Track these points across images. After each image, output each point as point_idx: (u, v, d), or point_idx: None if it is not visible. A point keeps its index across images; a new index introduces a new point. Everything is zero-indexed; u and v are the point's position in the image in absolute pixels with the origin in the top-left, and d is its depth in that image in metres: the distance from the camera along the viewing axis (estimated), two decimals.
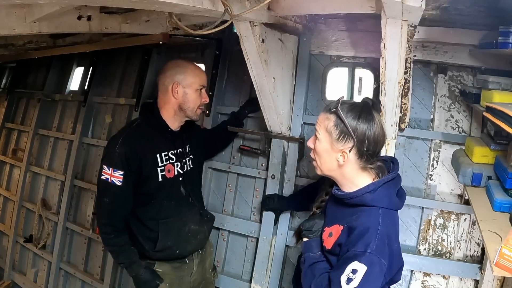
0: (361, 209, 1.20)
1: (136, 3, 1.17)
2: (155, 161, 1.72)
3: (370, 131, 1.20)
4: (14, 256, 3.43)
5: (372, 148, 1.21)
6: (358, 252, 1.12)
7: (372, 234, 1.13)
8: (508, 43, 1.34)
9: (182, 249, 1.82)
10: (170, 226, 1.77)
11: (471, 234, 1.84)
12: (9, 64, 3.96)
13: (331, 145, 1.23)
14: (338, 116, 1.20)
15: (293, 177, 2.13)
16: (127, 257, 1.73)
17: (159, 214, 1.76)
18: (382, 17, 1.32)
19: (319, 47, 2.11)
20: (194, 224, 1.86)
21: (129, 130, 1.74)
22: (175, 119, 1.77)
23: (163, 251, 1.77)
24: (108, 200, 1.68)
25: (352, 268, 1.10)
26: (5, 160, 3.73)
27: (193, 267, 1.90)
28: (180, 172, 1.81)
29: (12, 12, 1.33)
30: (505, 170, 1.41)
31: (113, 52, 2.76)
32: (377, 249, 1.11)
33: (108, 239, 1.72)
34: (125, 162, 1.64)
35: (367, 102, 1.25)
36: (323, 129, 1.24)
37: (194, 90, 1.73)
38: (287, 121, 2.11)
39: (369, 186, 1.21)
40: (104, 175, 1.64)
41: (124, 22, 1.74)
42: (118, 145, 1.65)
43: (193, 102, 1.74)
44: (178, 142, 1.82)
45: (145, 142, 1.70)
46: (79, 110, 3.13)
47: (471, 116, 1.86)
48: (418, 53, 1.87)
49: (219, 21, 1.29)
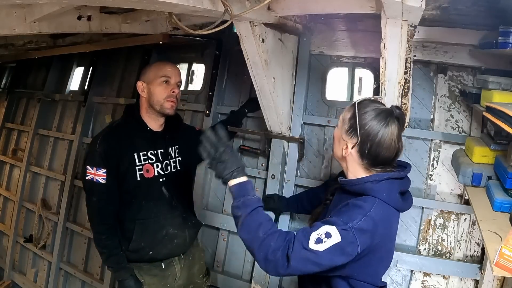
0: (359, 197, 1.20)
1: (136, 3, 1.17)
2: (132, 160, 1.73)
3: (377, 135, 1.19)
4: (14, 256, 3.43)
5: (373, 153, 1.20)
6: (340, 221, 1.10)
7: (361, 213, 1.12)
8: (508, 43, 1.34)
9: (156, 251, 1.79)
10: (146, 227, 1.76)
11: (471, 234, 1.84)
12: (9, 64, 3.96)
13: (340, 134, 1.27)
14: (354, 110, 1.23)
15: (293, 177, 2.13)
16: (116, 262, 1.74)
17: (138, 215, 1.76)
18: (382, 17, 1.32)
19: (319, 47, 2.11)
20: (173, 228, 1.83)
21: (109, 129, 1.78)
22: (152, 118, 1.79)
23: (136, 252, 1.76)
24: (96, 198, 1.70)
25: (327, 231, 1.08)
26: (5, 160, 3.73)
27: (175, 273, 1.87)
28: (161, 173, 1.80)
29: (12, 12, 1.33)
30: (505, 170, 1.41)
31: (113, 52, 2.76)
32: (359, 228, 1.10)
33: (100, 240, 1.73)
34: (105, 160, 1.67)
35: (392, 110, 1.25)
36: (342, 117, 1.29)
37: (158, 84, 1.75)
38: (287, 121, 2.11)
39: (372, 176, 1.22)
40: (88, 175, 1.67)
41: (124, 22, 1.75)
42: (97, 144, 1.69)
43: (158, 94, 1.74)
44: (159, 143, 1.82)
45: (123, 140, 1.72)
46: (79, 110, 3.13)
47: (471, 116, 1.86)
48: (418, 53, 1.87)
49: (219, 21, 1.29)
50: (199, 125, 2.44)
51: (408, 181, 1.30)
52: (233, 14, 1.26)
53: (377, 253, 1.19)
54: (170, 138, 1.86)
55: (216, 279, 2.27)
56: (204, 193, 2.40)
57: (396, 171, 1.26)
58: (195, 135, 2.06)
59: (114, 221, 1.74)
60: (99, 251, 1.77)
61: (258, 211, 1.19)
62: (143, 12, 1.68)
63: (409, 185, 1.31)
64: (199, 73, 2.63)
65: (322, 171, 2.14)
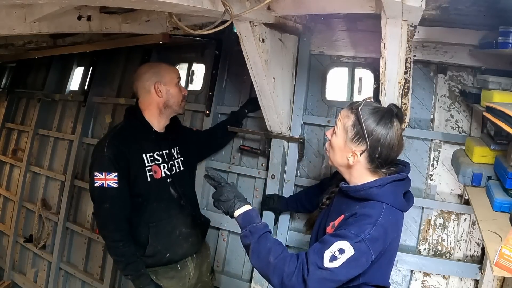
0: (365, 203, 1.19)
1: (136, 3, 1.17)
2: (142, 161, 1.72)
3: (386, 138, 1.19)
4: (14, 256, 3.43)
5: (384, 156, 1.20)
6: (351, 234, 1.09)
7: (371, 222, 1.11)
8: (508, 43, 1.34)
9: (173, 253, 1.79)
10: (160, 230, 1.76)
11: (471, 234, 1.84)
12: (9, 64, 3.96)
13: (345, 143, 1.23)
14: (357, 117, 1.20)
15: (293, 177, 2.13)
16: (135, 269, 1.68)
17: (150, 218, 1.74)
18: (382, 17, 1.32)
19: (319, 47, 2.11)
20: (185, 227, 1.84)
21: (114, 133, 1.75)
22: (161, 118, 1.80)
23: (153, 256, 1.74)
24: (108, 205, 1.64)
25: (339, 247, 1.07)
26: (5, 160, 3.73)
27: (190, 272, 1.88)
28: (167, 173, 1.81)
29: (12, 12, 1.33)
30: (505, 170, 1.41)
31: (113, 52, 2.76)
32: (371, 238, 1.09)
33: (116, 248, 1.66)
34: (115, 163, 1.63)
35: (391, 109, 1.24)
36: (341, 125, 1.24)
37: (174, 84, 1.79)
38: (287, 121, 2.10)
39: (376, 181, 1.20)
40: (97, 182, 1.61)
41: (124, 22, 1.75)
42: (105, 148, 1.65)
43: (177, 96, 1.79)
44: (163, 144, 1.82)
45: (131, 143, 1.71)
46: (79, 110, 3.13)
47: (471, 116, 1.86)
48: (418, 53, 1.87)
49: (219, 21, 1.29)
50: (199, 125, 2.44)
51: (409, 181, 1.30)
52: (233, 14, 1.26)
53: (387, 256, 1.19)
54: (172, 139, 1.87)
55: (216, 279, 2.27)
56: (204, 193, 2.40)
57: (399, 172, 1.25)
58: (192, 136, 2.08)
59: (128, 227, 1.69)
60: (116, 260, 1.71)
61: (266, 237, 1.20)
62: (143, 12, 1.68)
63: (410, 185, 1.31)
64: (199, 73, 2.63)
65: (322, 171, 2.14)
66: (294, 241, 2.12)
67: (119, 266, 1.74)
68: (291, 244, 2.12)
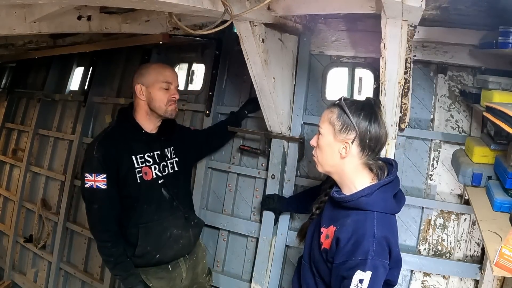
0: (356, 212, 1.20)
1: (136, 3, 1.17)
2: (131, 163, 1.72)
3: (372, 126, 1.22)
4: (14, 256, 3.43)
5: (374, 138, 1.22)
6: (359, 260, 1.12)
7: (369, 240, 1.14)
8: (508, 43, 1.34)
9: (162, 254, 1.79)
10: (150, 231, 1.76)
11: (471, 234, 1.84)
12: (9, 64, 3.96)
13: (334, 136, 1.24)
14: (341, 108, 1.23)
15: (293, 177, 2.13)
16: (124, 269, 1.71)
17: (140, 219, 1.74)
18: (382, 17, 1.32)
19: (319, 47, 2.10)
20: (177, 229, 1.83)
21: (104, 134, 1.76)
22: (150, 121, 1.78)
23: (142, 257, 1.75)
24: (97, 206, 1.67)
25: (358, 279, 1.11)
26: (5, 160, 3.73)
27: (182, 273, 1.87)
28: (159, 175, 1.80)
29: (12, 12, 1.34)
30: (505, 170, 1.41)
31: (113, 52, 2.75)
32: (377, 253, 1.13)
33: (105, 248, 1.70)
34: (104, 165, 1.64)
35: (370, 100, 1.29)
36: (326, 122, 1.26)
37: (158, 88, 1.73)
38: (287, 121, 2.10)
39: (364, 190, 1.21)
40: (87, 183, 1.64)
41: (124, 22, 1.75)
42: (95, 149, 1.66)
43: (159, 100, 1.74)
44: (155, 145, 1.81)
45: (120, 144, 1.71)
46: (79, 110, 3.13)
47: (471, 116, 1.86)
48: (418, 53, 1.87)
49: (219, 21, 1.29)
50: (199, 126, 2.44)
51: (397, 181, 1.29)
52: (233, 14, 1.26)
53: (393, 257, 1.20)
54: (165, 139, 1.86)
55: (216, 279, 2.27)
56: (204, 193, 2.40)
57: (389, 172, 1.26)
58: (190, 135, 2.07)
59: (117, 228, 1.71)
60: (105, 260, 1.74)
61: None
62: (143, 12, 1.68)
63: (399, 184, 1.31)
64: (199, 73, 2.63)
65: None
66: (294, 241, 2.11)
67: (108, 266, 1.77)
68: (291, 244, 2.12)
